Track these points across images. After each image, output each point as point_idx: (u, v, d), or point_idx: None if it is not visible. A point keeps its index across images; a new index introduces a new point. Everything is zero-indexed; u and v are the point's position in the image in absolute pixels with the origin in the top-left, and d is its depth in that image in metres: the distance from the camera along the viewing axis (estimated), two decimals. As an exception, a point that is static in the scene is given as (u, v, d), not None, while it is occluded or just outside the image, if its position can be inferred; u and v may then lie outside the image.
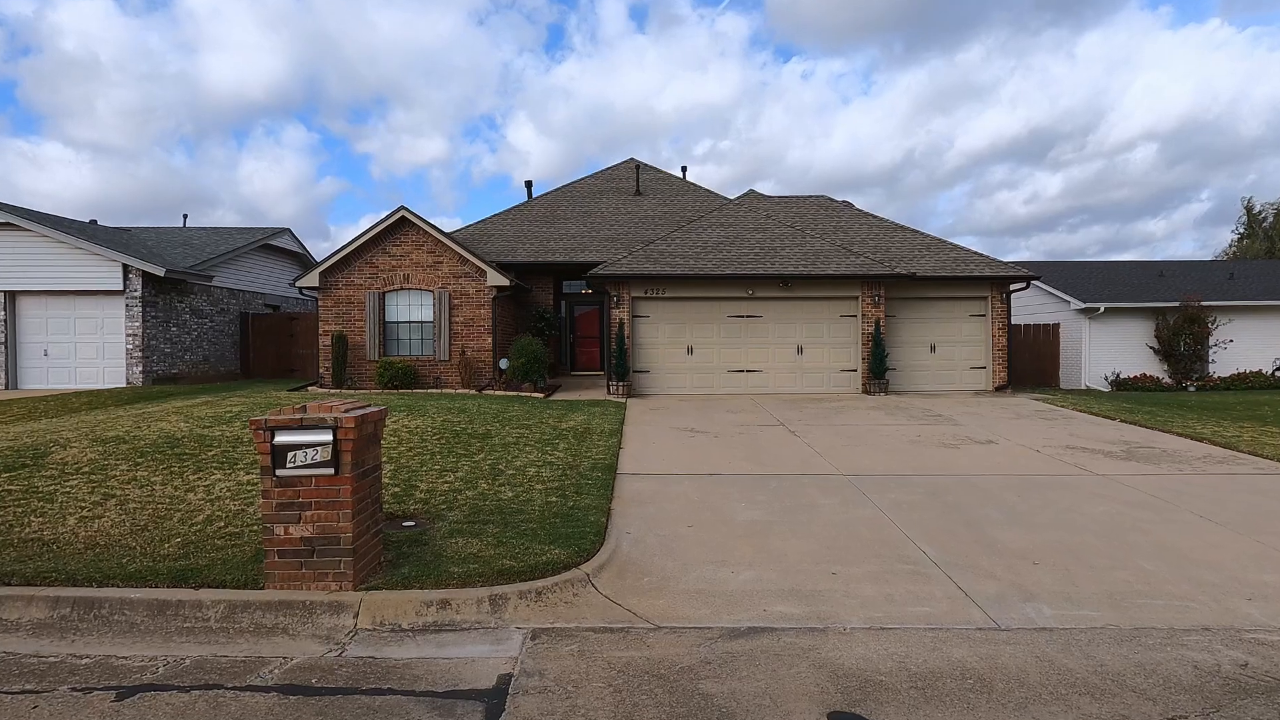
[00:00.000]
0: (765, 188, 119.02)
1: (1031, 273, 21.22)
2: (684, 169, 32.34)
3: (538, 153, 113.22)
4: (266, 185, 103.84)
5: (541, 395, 18.52)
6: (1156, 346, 25.08)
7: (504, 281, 20.21)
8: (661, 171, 30.27)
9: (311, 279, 20.38)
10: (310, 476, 5.86)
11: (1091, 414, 15.99)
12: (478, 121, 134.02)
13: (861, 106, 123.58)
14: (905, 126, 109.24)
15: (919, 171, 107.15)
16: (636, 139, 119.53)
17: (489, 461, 10.37)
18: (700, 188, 29.12)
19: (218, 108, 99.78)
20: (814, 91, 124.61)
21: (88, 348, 20.43)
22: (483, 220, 26.33)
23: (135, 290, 20.19)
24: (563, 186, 29.00)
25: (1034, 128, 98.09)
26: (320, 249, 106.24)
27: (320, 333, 20.41)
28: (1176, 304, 24.72)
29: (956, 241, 22.76)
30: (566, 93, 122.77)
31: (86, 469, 9.35)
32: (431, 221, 20.66)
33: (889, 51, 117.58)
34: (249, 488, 8.70)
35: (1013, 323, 22.22)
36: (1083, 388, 24.98)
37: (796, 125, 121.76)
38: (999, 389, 20.86)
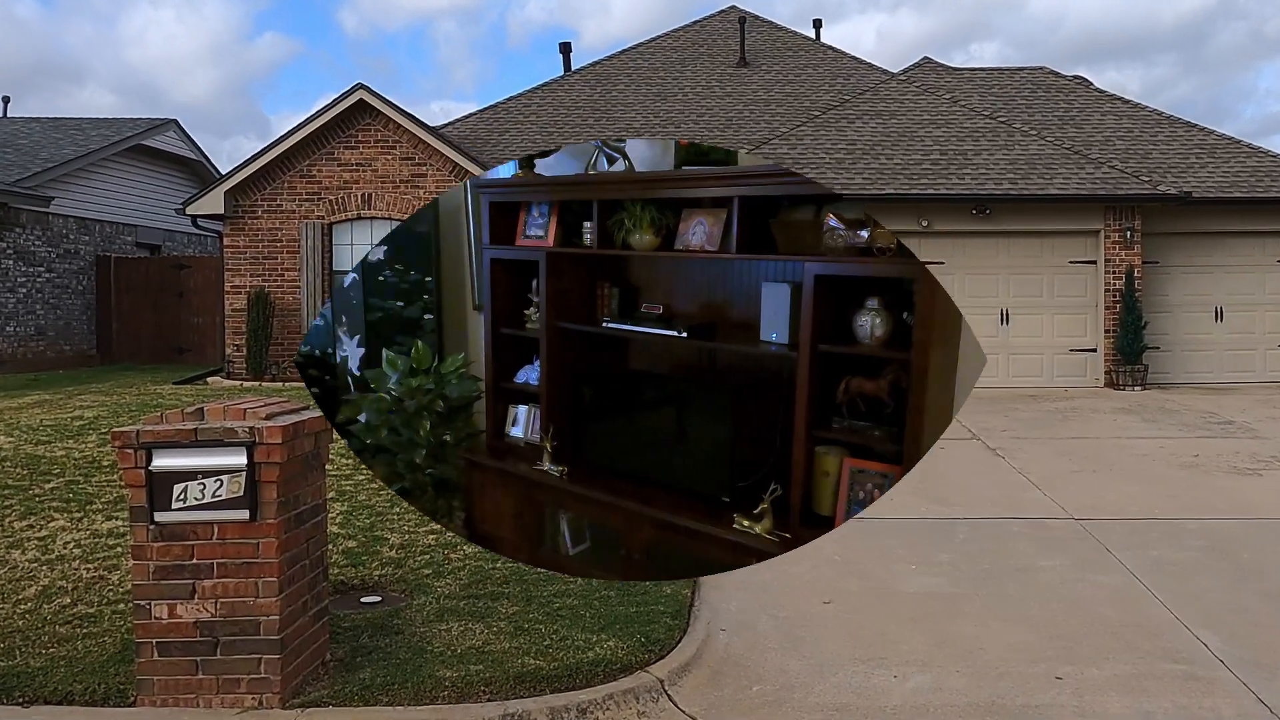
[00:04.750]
0: (989, 53, 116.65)
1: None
2: (817, 24, 31.57)
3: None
4: (169, 48, 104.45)
5: (580, 389, 18.49)
6: None
7: (521, 206, 20.19)
8: (780, 28, 29.95)
9: (213, 202, 20.72)
10: (210, 523, 5.85)
11: None
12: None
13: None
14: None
15: (1239, 25, 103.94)
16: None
17: (498, 497, 10.36)
18: (844, 54, 28.66)
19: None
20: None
21: None
22: (490, 107, 26.36)
23: (-77, 222, 20.64)
24: (621, 52, 28.86)
25: None
26: (244, 151, 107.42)
27: (227, 290, 20.77)
28: None
29: (1266, 145, 22.14)
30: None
31: None
32: (412, 113, 20.76)
33: None
34: (113, 541, 8.74)
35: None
36: None
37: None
38: (1328, 380, 20.77)
